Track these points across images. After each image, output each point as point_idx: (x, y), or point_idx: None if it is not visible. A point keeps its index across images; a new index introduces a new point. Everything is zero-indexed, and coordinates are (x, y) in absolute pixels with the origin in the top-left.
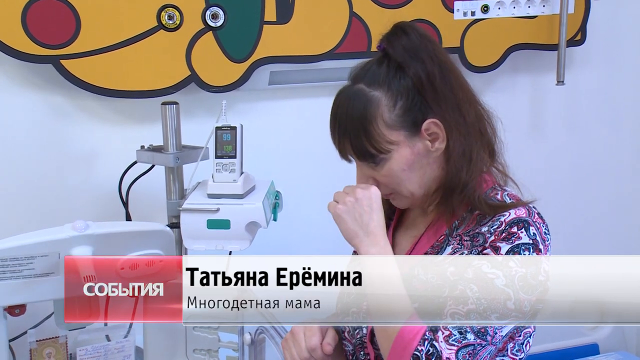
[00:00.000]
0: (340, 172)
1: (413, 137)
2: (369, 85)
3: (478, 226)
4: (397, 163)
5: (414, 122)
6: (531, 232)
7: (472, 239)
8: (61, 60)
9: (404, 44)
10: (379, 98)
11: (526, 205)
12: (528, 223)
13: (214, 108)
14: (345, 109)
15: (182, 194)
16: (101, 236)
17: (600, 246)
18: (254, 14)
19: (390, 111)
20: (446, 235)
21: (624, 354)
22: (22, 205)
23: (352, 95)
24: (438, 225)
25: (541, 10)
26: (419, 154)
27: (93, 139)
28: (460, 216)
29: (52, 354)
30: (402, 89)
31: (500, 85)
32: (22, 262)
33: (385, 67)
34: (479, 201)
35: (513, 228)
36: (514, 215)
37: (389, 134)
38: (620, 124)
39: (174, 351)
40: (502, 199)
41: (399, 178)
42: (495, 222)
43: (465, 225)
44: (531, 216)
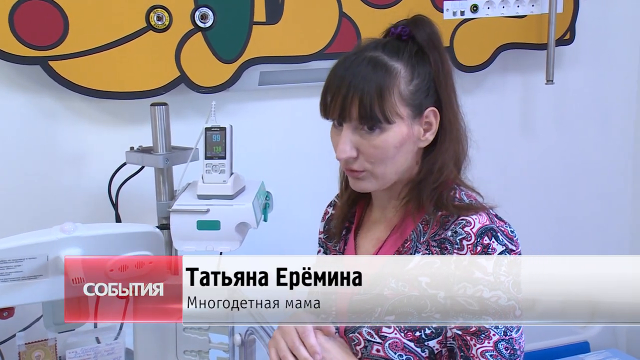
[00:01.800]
0: (331, 172)
1: (414, 119)
2: (390, 56)
3: (442, 230)
4: (394, 137)
5: (420, 104)
6: (500, 239)
7: (439, 245)
8: (49, 61)
9: (429, 32)
10: (399, 70)
11: (485, 210)
12: (494, 230)
13: (203, 109)
14: (364, 69)
15: (171, 195)
16: (90, 238)
17: (590, 245)
18: (244, 14)
19: (406, 85)
20: (413, 240)
21: (615, 352)
22: (11, 208)
23: (371, 59)
24: (403, 228)
25: (530, 10)
26: (411, 138)
27: (82, 140)
28: (424, 217)
29: (41, 357)
30: (421, 70)
31: (490, 85)
32: (10, 265)
33: (408, 45)
34: (446, 200)
35: (484, 239)
36: (479, 225)
37: (399, 106)
38: (609, 122)
39: (164, 352)
40: (461, 198)
41: (386, 153)
42: (458, 227)
43: (430, 227)
44: (493, 222)
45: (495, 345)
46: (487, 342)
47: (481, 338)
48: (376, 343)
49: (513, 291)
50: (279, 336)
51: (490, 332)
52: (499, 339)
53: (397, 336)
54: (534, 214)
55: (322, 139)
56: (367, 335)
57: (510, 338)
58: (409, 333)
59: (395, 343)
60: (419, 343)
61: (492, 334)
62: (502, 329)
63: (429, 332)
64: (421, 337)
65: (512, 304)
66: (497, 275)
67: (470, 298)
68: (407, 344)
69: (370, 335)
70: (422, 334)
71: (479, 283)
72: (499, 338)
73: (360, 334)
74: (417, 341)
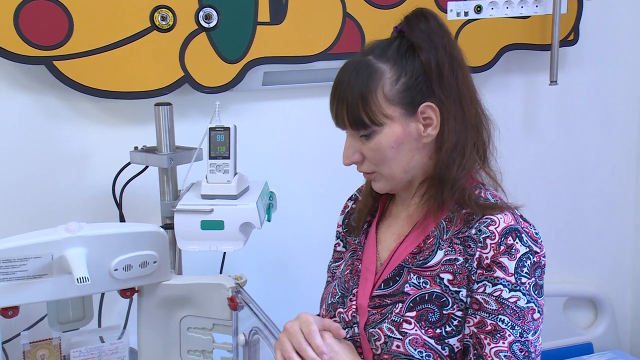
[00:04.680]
0: (334, 173)
1: (408, 117)
2: (377, 58)
3: (466, 228)
4: (387, 138)
5: (412, 102)
6: (524, 240)
7: (462, 243)
8: (54, 61)
9: (422, 28)
10: (384, 70)
11: (511, 210)
12: (519, 231)
13: (207, 109)
14: (349, 75)
15: (175, 195)
16: (94, 237)
17: (593, 245)
18: (248, 14)
19: (392, 85)
20: (436, 237)
21: (618, 353)
22: (16, 207)
23: (357, 64)
24: (425, 225)
25: (534, 11)
26: (409, 135)
27: (86, 140)
28: (447, 214)
29: (45, 356)
30: (409, 67)
31: (494, 86)
32: (15, 264)
33: (397, 44)
34: (469, 199)
35: (508, 239)
36: (504, 224)
37: (385, 107)
38: (613, 123)
39: (168, 352)
40: (486, 198)
41: (384, 155)
42: (482, 225)
43: (454, 225)
44: (518, 223)
45: (510, 346)
46: (502, 342)
47: (496, 338)
48: (396, 339)
49: (534, 293)
50: (284, 338)
51: (506, 332)
52: (514, 339)
53: (417, 332)
54: (537, 214)
55: (326, 139)
56: (388, 331)
57: (526, 340)
58: (430, 330)
59: (416, 339)
60: (439, 340)
61: (508, 334)
62: (518, 330)
63: (449, 329)
64: (442, 335)
65: (532, 306)
66: (519, 277)
67: (489, 297)
68: (427, 341)
69: (390, 331)
70: (443, 331)
71: (499, 282)
72: (514, 339)
73: (380, 330)
74: (438, 338)
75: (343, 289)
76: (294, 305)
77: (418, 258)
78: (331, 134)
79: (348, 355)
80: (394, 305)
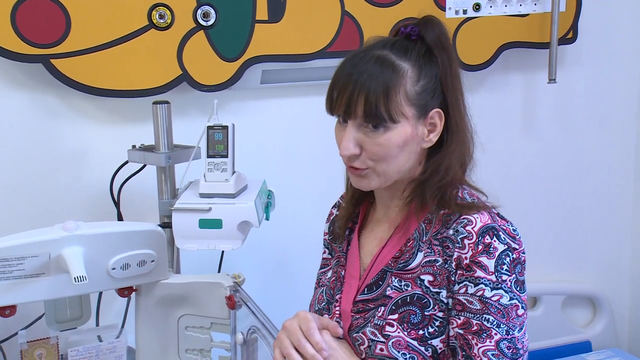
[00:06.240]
0: (333, 171)
1: (419, 120)
2: (397, 55)
3: (444, 228)
4: (397, 136)
5: (425, 105)
6: (502, 238)
7: (441, 244)
8: (51, 59)
9: (439, 33)
10: (406, 69)
11: (487, 209)
12: (496, 229)
13: (205, 107)
14: (371, 67)
15: (173, 193)
16: (92, 236)
17: (591, 244)
18: (246, 12)
19: (412, 85)
20: (416, 239)
21: (616, 351)
22: (12, 206)
23: (379, 57)
24: (406, 227)
25: (533, 9)
26: (415, 138)
27: (84, 138)
28: (427, 216)
29: (43, 355)
30: (427, 71)
31: (492, 84)
32: (12, 263)
33: (417, 45)
34: (449, 198)
35: (486, 238)
36: (481, 224)
37: (404, 106)
38: (612, 121)
39: (166, 351)
40: (464, 197)
41: (389, 152)
42: (460, 225)
43: (433, 226)
44: (495, 221)
45: (497, 345)
46: (488, 341)
47: (483, 337)
48: (380, 342)
49: (516, 290)
50: (283, 336)
51: (492, 331)
52: (501, 338)
53: (400, 335)
54: (536, 213)
55: (324, 138)
56: (371, 334)
57: (512, 337)
58: (412, 332)
59: (399, 342)
60: (422, 342)
61: (494, 333)
62: (504, 328)
63: (431, 330)
64: (424, 336)
65: (515, 303)
66: (499, 274)
67: (472, 297)
68: (410, 343)
69: (373, 335)
70: (425, 332)
71: (480, 282)
72: (501, 337)
73: (364, 334)
74: (421, 340)
75: (329, 295)
76: (292, 304)
77: (399, 261)
78: (330, 132)
79: (346, 353)
80: (376, 309)
